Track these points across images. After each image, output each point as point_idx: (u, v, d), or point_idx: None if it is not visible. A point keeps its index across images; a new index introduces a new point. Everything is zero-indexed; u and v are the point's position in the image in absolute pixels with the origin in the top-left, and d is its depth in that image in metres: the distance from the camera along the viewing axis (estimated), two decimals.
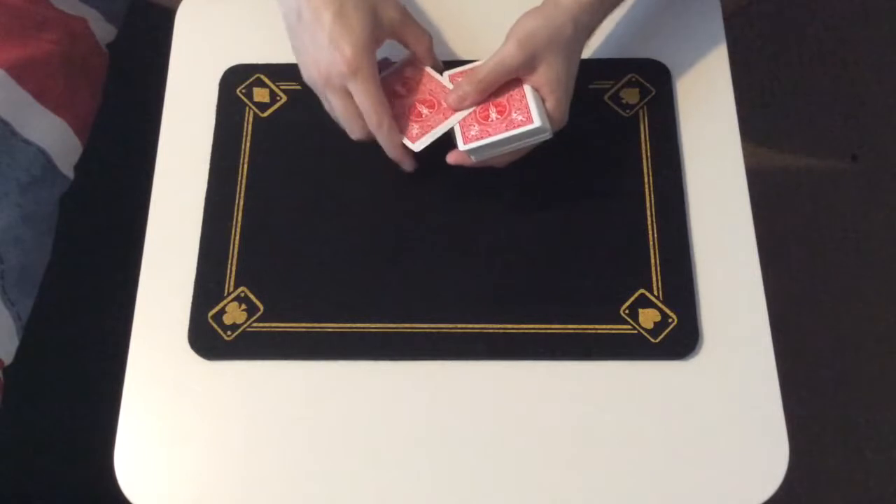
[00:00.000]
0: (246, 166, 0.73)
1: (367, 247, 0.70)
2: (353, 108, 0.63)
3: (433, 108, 0.66)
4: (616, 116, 0.73)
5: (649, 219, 0.70)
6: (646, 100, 0.74)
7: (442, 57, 0.70)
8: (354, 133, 0.65)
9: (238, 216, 0.71)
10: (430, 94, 0.67)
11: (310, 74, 0.64)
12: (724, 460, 0.63)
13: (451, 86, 0.67)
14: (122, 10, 0.98)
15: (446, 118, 0.66)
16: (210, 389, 0.66)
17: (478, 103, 0.65)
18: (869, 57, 1.56)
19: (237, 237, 0.70)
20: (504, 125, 0.64)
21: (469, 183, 0.70)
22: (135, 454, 0.65)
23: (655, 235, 0.69)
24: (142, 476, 0.64)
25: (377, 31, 0.63)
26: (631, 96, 0.74)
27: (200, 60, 0.78)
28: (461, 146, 0.64)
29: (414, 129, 0.66)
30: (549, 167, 0.71)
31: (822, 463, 1.30)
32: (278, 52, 0.73)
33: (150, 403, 0.66)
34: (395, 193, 0.71)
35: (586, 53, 0.68)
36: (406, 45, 0.68)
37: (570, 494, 0.63)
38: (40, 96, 0.84)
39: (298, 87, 0.72)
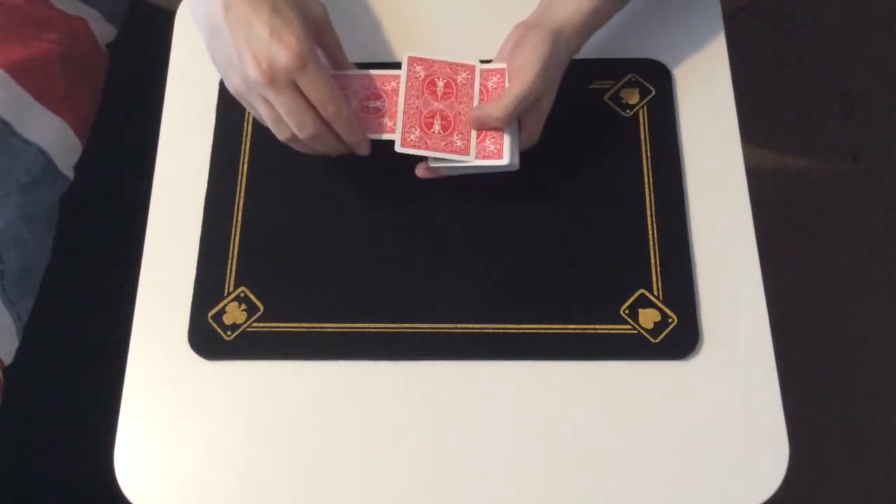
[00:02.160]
0: (246, 166, 0.73)
1: (368, 247, 0.70)
2: (303, 101, 0.60)
3: (381, 99, 0.66)
4: (616, 116, 0.73)
5: (649, 219, 0.70)
6: (646, 100, 0.74)
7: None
8: (306, 128, 0.61)
9: (238, 216, 0.71)
10: (370, 89, 0.66)
11: (244, 74, 0.59)
12: (724, 460, 0.63)
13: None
14: (122, 10, 0.98)
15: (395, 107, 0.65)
16: (210, 389, 0.66)
17: (497, 129, 0.64)
18: (869, 57, 1.56)
19: (237, 237, 0.70)
20: (444, 144, 0.64)
21: (469, 183, 0.70)
22: (135, 454, 0.65)
23: (655, 235, 0.69)
24: (142, 476, 0.64)
25: (310, 27, 0.61)
26: (631, 96, 0.74)
27: (200, 60, 0.77)
28: (396, 147, 0.64)
29: (384, 122, 0.65)
30: (549, 167, 0.71)
31: (822, 463, 1.30)
32: None
33: (150, 403, 0.66)
34: (395, 194, 0.71)
35: (587, 53, 0.68)
36: (324, 48, 0.66)
37: (570, 494, 0.63)
38: (40, 96, 0.84)
39: None
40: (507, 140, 0.64)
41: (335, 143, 0.64)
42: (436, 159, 0.65)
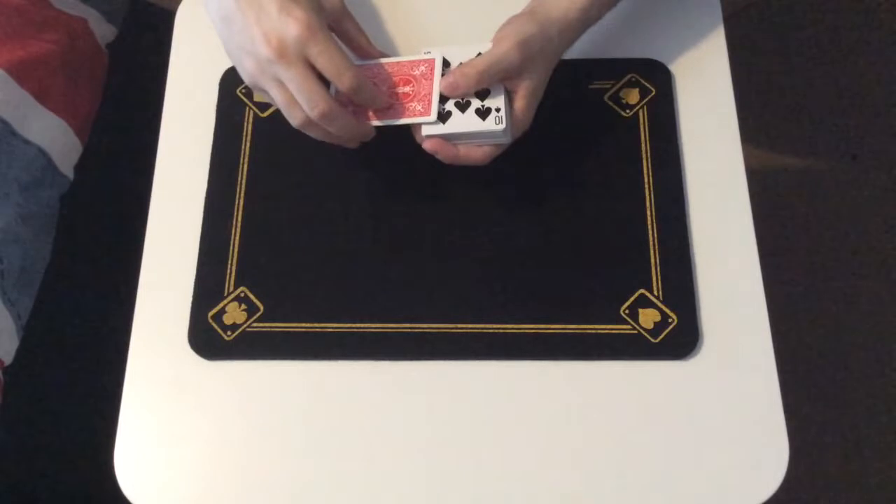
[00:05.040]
0: (246, 166, 0.73)
1: (367, 246, 0.70)
2: (312, 76, 0.59)
3: (411, 84, 0.66)
4: (616, 116, 0.73)
5: (649, 219, 0.70)
6: (646, 100, 0.74)
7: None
8: (317, 105, 0.59)
9: (238, 216, 0.71)
10: (399, 76, 0.66)
11: (256, 56, 0.59)
12: (724, 460, 0.63)
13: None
14: (122, 10, 0.98)
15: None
16: (210, 389, 0.66)
17: (468, 94, 0.64)
18: (869, 57, 1.56)
19: (237, 237, 0.70)
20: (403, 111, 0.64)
21: (469, 183, 0.70)
22: (135, 454, 0.65)
23: (655, 235, 0.69)
24: (142, 476, 0.64)
25: (323, 11, 0.61)
26: (631, 96, 0.74)
27: (200, 60, 0.78)
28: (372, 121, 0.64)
29: (414, 106, 0.65)
30: (549, 167, 0.71)
31: (822, 463, 1.30)
32: None
33: (150, 403, 0.66)
34: (395, 193, 0.71)
35: (586, 53, 0.68)
36: (344, 37, 0.65)
37: (570, 494, 0.63)
38: (40, 96, 0.84)
39: None
40: (499, 103, 0.63)
41: (349, 124, 0.62)
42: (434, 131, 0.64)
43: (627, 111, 0.74)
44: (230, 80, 0.76)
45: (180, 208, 0.72)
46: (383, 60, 0.67)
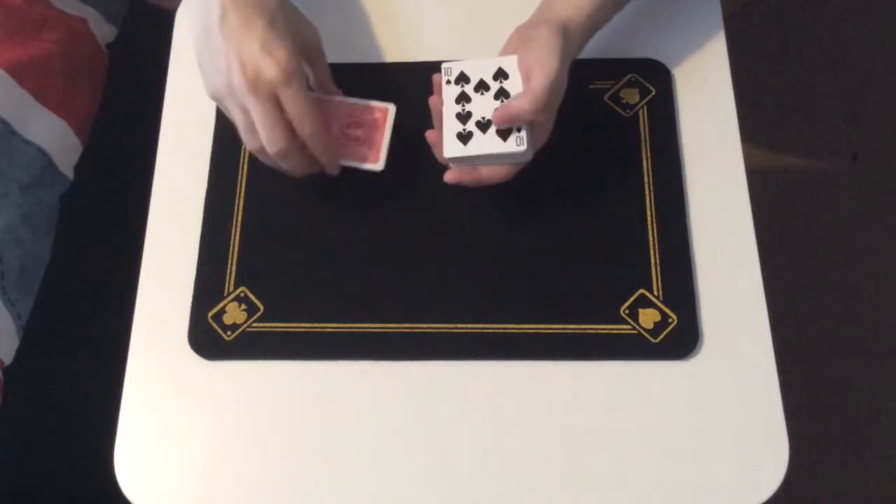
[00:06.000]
0: (246, 166, 0.73)
1: (367, 247, 0.70)
2: (278, 115, 0.60)
3: (362, 128, 0.68)
4: (616, 116, 0.73)
5: (649, 219, 0.70)
6: (646, 100, 0.74)
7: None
8: (276, 143, 0.61)
9: (238, 216, 0.71)
10: (352, 118, 0.68)
11: (228, 79, 0.60)
12: (724, 460, 0.63)
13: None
14: (122, 10, 0.98)
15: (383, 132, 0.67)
16: (210, 389, 0.66)
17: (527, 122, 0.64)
18: (869, 57, 1.56)
19: (237, 237, 0.70)
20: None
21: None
22: (135, 454, 0.65)
23: (655, 235, 0.69)
24: (142, 476, 0.64)
25: (301, 48, 0.63)
26: (631, 96, 0.74)
27: None
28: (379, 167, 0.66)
29: (363, 150, 0.67)
30: (549, 167, 0.71)
31: (822, 463, 1.30)
32: None
33: (150, 403, 0.66)
34: (394, 193, 0.71)
35: (586, 53, 0.68)
36: (314, 70, 0.67)
37: (570, 494, 0.63)
38: (40, 96, 0.84)
39: None
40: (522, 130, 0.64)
41: (300, 163, 0.64)
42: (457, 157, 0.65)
43: (627, 111, 0.74)
44: None
45: (180, 208, 0.72)
46: (339, 99, 0.68)
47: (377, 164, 0.67)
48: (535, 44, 0.63)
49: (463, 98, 0.65)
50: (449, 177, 0.65)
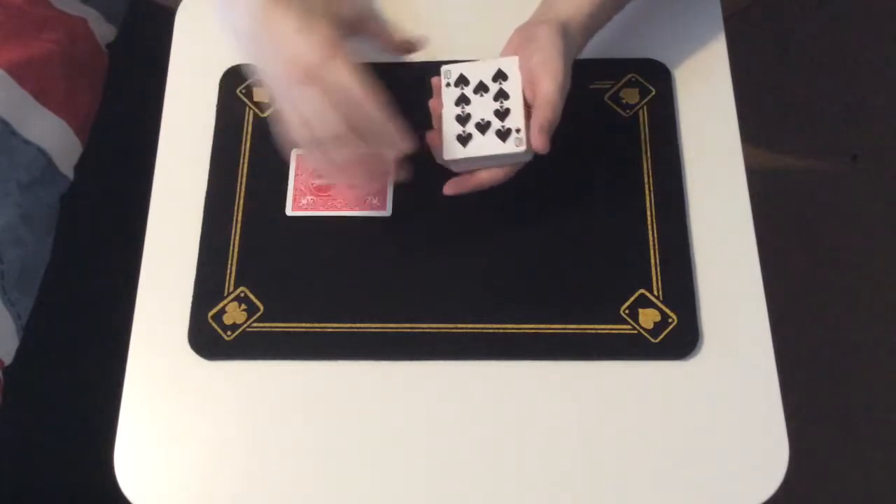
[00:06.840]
0: (246, 166, 0.73)
1: (367, 247, 0.70)
2: (327, 100, 0.56)
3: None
4: (616, 116, 0.73)
5: (649, 219, 0.70)
6: (646, 100, 0.74)
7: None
8: (328, 127, 0.57)
9: (238, 216, 0.71)
10: None
11: (274, 73, 0.58)
12: (724, 460, 0.63)
13: None
14: (122, 10, 0.98)
15: None
16: (210, 389, 0.66)
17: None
18: (869, 57, 1.56)
19: (237, 237, 0.70)
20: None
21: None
22: (135, 454, 0.65)
23: (655, 235, 0.69)
24: (142, 476, 0.64)
25: (340, 27, 0.59)
26: (631, 96, 0.74)
27: (200, 60, 0.78)
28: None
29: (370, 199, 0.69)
30: (549, 167, 0.71)
31: (822, 463, 1.30)
32: None
33: (149, 403, 0.66)
34: (394, 193, 0.71)
35: (586, 54, 0.68)
36: (371, 36, 0.64)
37: (570, 494, 0.63)
38: (40, 96, 0.84)
39: None
40: (519, 123, 0.64)
41: (364, 159, 0.61)
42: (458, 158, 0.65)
43: (627, 111, 0.74)
44: (230, 79, 0.76)
45: (180, 208, 0.72)
46: None
47: (385, 211, 0.69)
48: (537, 45, 0.63)
49: (462, 100, 0.65)
50: (448, 189, 0.66)
